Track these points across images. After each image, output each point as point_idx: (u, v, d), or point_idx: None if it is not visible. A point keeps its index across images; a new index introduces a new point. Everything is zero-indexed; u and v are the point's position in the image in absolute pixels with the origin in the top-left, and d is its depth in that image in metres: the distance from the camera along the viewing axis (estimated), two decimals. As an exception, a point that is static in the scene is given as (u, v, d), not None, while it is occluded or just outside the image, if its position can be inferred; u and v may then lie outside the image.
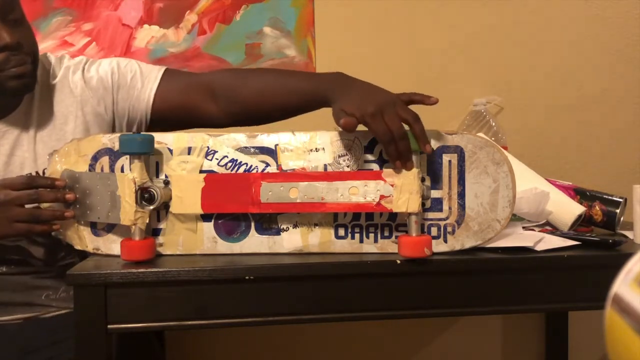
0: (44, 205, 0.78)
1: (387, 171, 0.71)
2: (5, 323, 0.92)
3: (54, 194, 0.76)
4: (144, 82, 0.95)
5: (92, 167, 0.76)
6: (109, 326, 0.68)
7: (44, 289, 0.93)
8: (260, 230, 0.75)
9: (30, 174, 0.89)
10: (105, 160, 0.76)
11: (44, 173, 0.89)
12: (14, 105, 0.91)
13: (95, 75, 0.95)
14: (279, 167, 0.75)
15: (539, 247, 0.75)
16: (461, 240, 0.73)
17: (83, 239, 0.77)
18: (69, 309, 0.94)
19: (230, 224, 0.76)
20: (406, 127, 0.71)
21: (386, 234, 0.75)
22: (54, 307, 0.94)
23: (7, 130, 0.90)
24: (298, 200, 0.72)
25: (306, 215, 0.75)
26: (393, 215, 0.74)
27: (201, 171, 0.75)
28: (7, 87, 0.85)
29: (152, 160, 0.76)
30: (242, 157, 0.75)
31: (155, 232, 0.76)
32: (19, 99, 0.91)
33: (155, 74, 0.96)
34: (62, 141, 0.90)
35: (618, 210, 0.89)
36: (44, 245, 0.91)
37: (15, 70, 0.84)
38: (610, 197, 0.91)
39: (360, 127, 0.72)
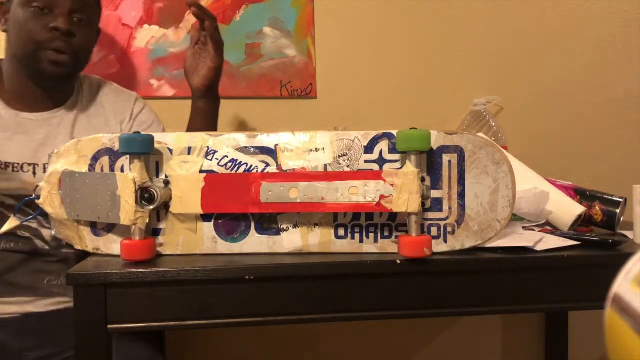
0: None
1: (387, 171, 0.71)
2: (4, 318, 0.93)
3: None
4: None
5: (92, 167, 0.76)
6: (109, 326, 0.68)
7: (47, 274, 0.97)
8: (260, 230, 0.75)
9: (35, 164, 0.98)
10: (105, 160, 0.76)
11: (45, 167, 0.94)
12: (64, 98, 1.03)
13: (138, 120, 1.10)
14: (279, 167, 0.75)
15: (539, 247, 0.75)
16: (461, 240, 0.73)
17: (83, 239, 0.77)
18: (69, 297, 0.96)
19: (230, 224, 0.76)
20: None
21: (386, 234, 0.75)
22: (54, 292, 0.96)
23: (48, 119, 1.01)
24: (298, 200, 0.72)
25: (306, 215, 0.75)
26: (393, 215, 0.74)
27: (201, 171, 0.75)
28: (43, 69, 0.95)
29: (152, 160, 0.76)
30: (242, 157, 0.75)
31: (155, 232, 0.76)
32: (66, 97, 1.03)
33: None
34: None
35: (618, 210, 0.89)
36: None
37: (53, 54, 0.95)
38: (610, 197, 0.91)
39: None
